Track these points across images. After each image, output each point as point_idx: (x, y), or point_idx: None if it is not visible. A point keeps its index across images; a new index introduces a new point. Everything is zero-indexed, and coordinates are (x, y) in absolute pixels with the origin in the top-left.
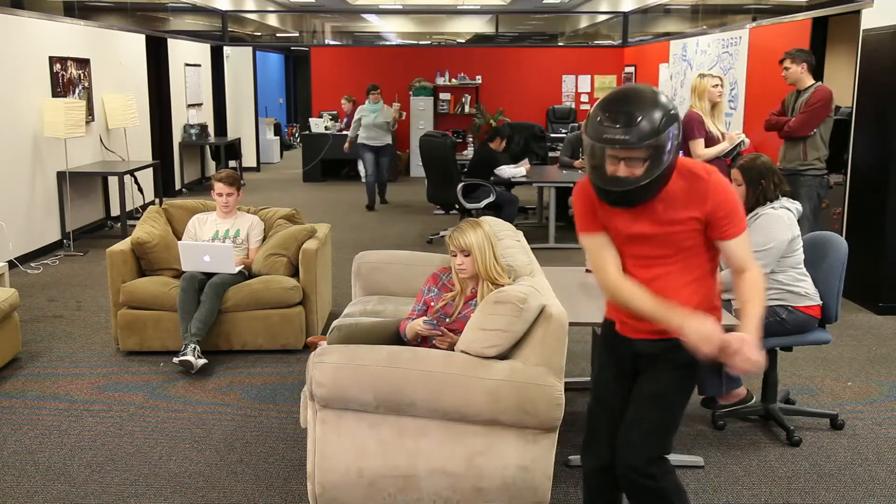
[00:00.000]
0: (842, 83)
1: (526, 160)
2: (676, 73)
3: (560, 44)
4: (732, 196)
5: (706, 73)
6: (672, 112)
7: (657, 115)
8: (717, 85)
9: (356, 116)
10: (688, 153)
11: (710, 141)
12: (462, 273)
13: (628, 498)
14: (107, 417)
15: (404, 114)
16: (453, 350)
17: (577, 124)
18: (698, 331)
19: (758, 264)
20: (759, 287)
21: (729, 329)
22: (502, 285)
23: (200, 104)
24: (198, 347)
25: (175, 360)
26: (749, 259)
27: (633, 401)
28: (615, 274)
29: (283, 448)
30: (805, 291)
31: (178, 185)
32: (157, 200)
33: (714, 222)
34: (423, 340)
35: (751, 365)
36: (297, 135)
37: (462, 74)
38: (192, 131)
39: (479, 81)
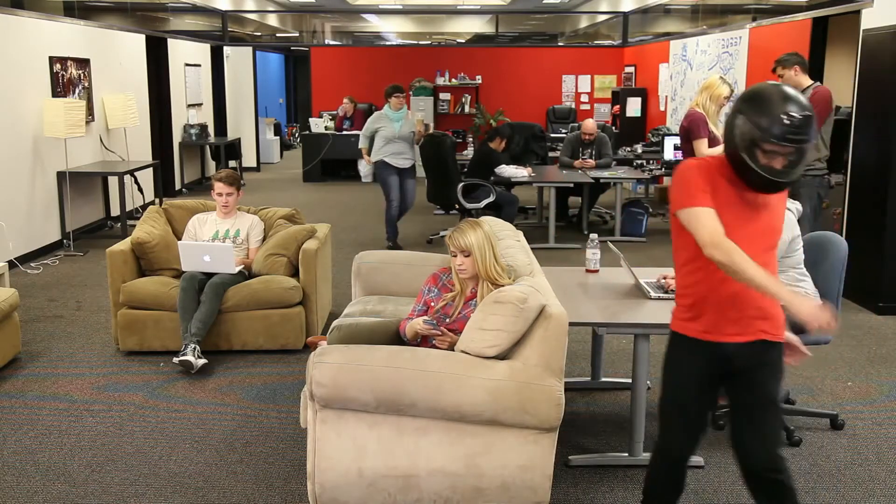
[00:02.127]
0: (842, 83)
1: (529, 168)
2: (676, 73)
3: (560, 44)
4: None
5: (727, 79)
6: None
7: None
8: (728, 97)
9: (372, 126)
10: (691, 152)
11: (712, 141)
12: (462, 273)
13: (762, 498)
14: (107, 417)
15: (431, 126)
16: (453, 350)
17: (576, 124)
18: (809, 307)
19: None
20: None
21: None
22: (502, 285)
23: (200, 104)
24: (198, 347)
25: (175, 360)
26: None
27: (747, 406)
28: (732, 243)
29: (283, 448)
30: (805, 291)
31: (178, 185)
32: (157, 200)
33: None
34: (423, 340)
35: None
36: (297, 135)
37: (462, 74)
38: (192, 131)
39: (479, 81)
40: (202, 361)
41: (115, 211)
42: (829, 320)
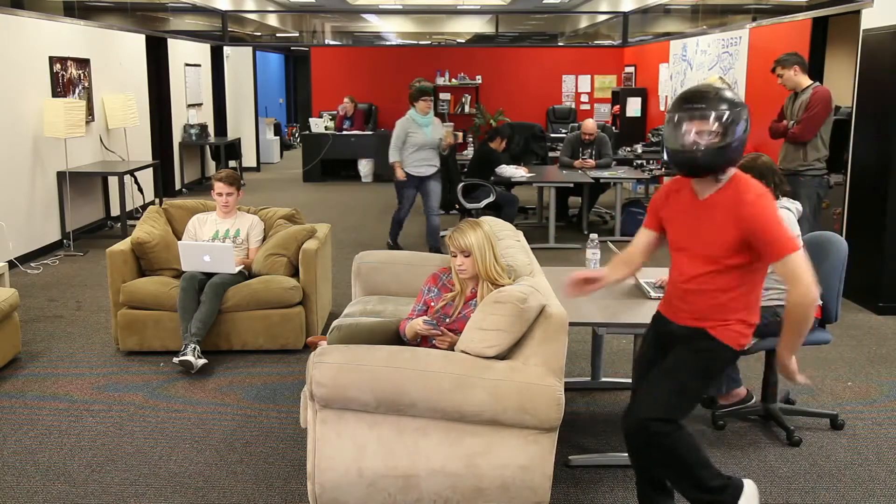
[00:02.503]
0: (842, 83)
1: (526, 168)
2: (676, 73)
3: (560, 44)
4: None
5: (725, 79)
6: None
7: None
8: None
9: (402, 134)
10: None
11: None
12: (462, 274)
13: (636, 457)
14: (107, 417)
15: (460, 136)
16: (453, 350)
17: (576, 124)
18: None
19: (797, 285)
20: (788, 314)
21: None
22: (502, 285)
23: (200, 104)
24: (198, 347)
25: (175, 360)
26: (789, 283)
27: (652, 372)
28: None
29: (283, 448)
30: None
31: (178, 185)
32: (157, 200)
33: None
34: (423, 340)
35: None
36: (297, 135)
37: (462, 74)
38: (192, 131)
39: (479, 81)
40: (202, 361)
41: (115, 211)
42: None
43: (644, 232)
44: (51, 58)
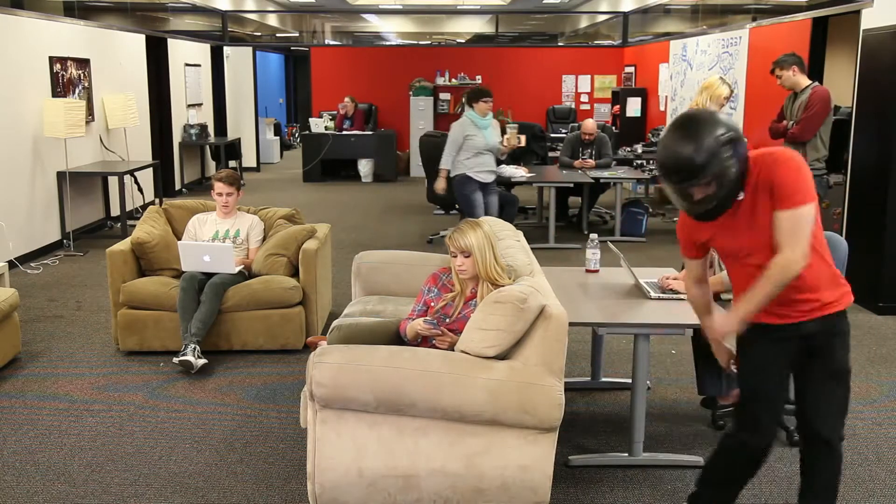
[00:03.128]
0: (842, 83)
1: (525, 168)
2: (676, 73)
3: (560, 44)
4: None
5: (727, 80)
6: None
7: (701, 152)
8: (728, 97)
9: (459, 138)
10: None
11: None
12: (462, 274)
13: (814, 470)
14: (107, 417)
15: (523, 139)
16: (453, 350)
17: (576, 124)
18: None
19: (793, 249)
20: (769, 272)
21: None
22: (502, 285)
23: (200, 104)
24: (198, 347)
25: (175, 360)
26: (784, 241)
27: (818, 380)
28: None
29: (283, 448)
30: None
31: (178, 185)
32: (157, 200)
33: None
34: (423, 340)
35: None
36: (297, 135)
37: (462, 74)
38: (192, 131)
39: (479, 81)
40: (202, 361)
41: (115, 211)
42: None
43: (692, 263)
44: (51, 58)
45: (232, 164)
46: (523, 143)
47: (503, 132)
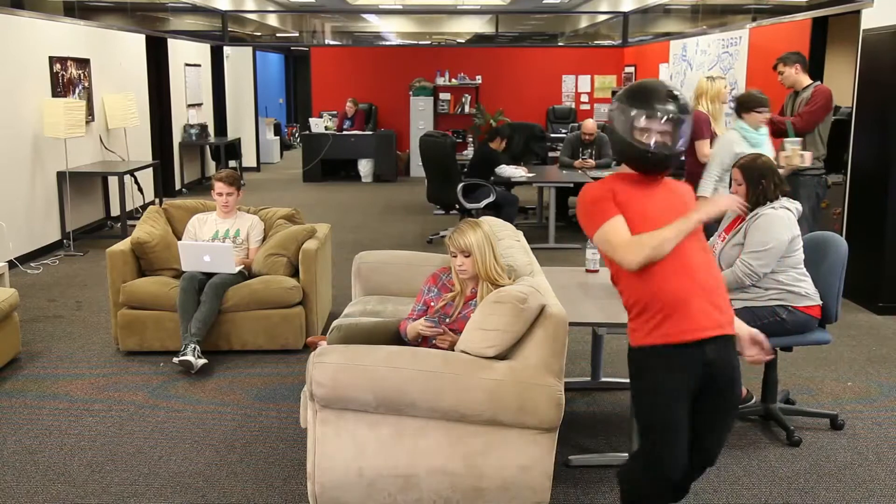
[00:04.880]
0: (842, 83)
1: (525, 169)
2: (676, 73)
3: (560, 44)
4: None
5: (715, 75)
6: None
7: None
8: (726, 87)
9: (728, 155)
10: (693, 153)
11: (713, 142)
12: (462, 274)
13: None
14: (107, 417)
15: (807, 156)
16: (453, 350)
17: (576, 124)
18: (724, 199)
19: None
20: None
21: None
22: (502, 286)
23: (200, 104)
24: (198, 347)
25: (175, 360)
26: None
27: (719, 414)
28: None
29: (283, 448)
30: (805, 291)
31: (178, 185)
32: (157, 200)
33: None
34: (423, 340)
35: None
36: (297, 135)
37: (462, 74)
38: (192, 131)
39: (479, 81)
40: (202, 361)
41: (115, 211)
42: (737, 201)
43: (620, 218)
44: (51, 58)
45: (232, 164)
46: (808, 163)
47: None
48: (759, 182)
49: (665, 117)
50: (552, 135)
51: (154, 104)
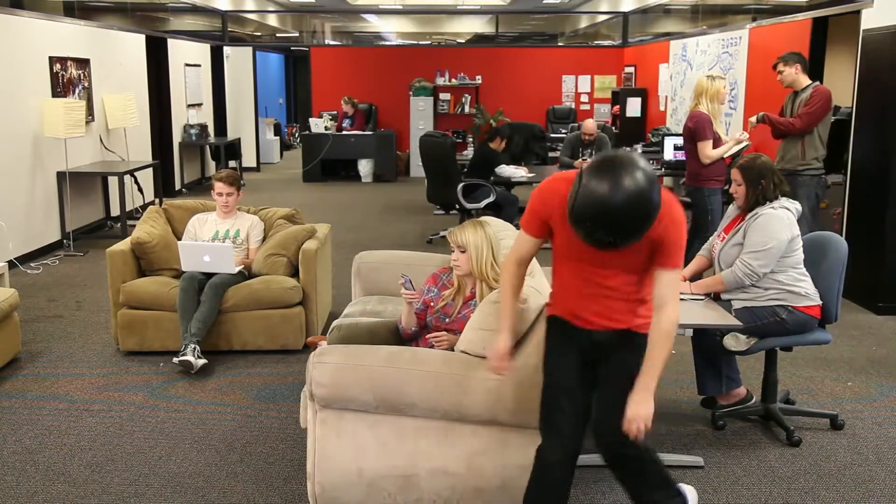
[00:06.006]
0: (842, 83)
1: (525, 169)
2: (676, 74)
3: (560, 44)
4: (680, 231)
5: (715, 75)
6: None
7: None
8: (725, 87)
9: None
10: (695, 152)
11: (716, 142)
12: (457, 269)
13: (618, 474)
14: (107, 417)
15: None
16: (453, 350)
17: (576, 124)
18: (493, 349)
19: (675, 307)
20: (661, 334)
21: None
22: None
23: (200, 104)
24: (198, 347)
25: (175, 360)
26: (669, 297)
27: (608, 385)
28: (510, 267)
29: (283, 448)
30: (805, 291)
31: (178, 185)
32: (157, 200)
33: (659, 249)
34: (423, 340)
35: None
36: (296, 135)
37: (462, 74)
38: (192, 131)
39: (479, 81)
40: (202, 361)
41: (115, 211)
42: (499, 364)
43: (527, 240)
44: (51, 58)
45: (232, 164)
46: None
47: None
48: (758, 182)
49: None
50: (552, 135)
51: (154, 104)
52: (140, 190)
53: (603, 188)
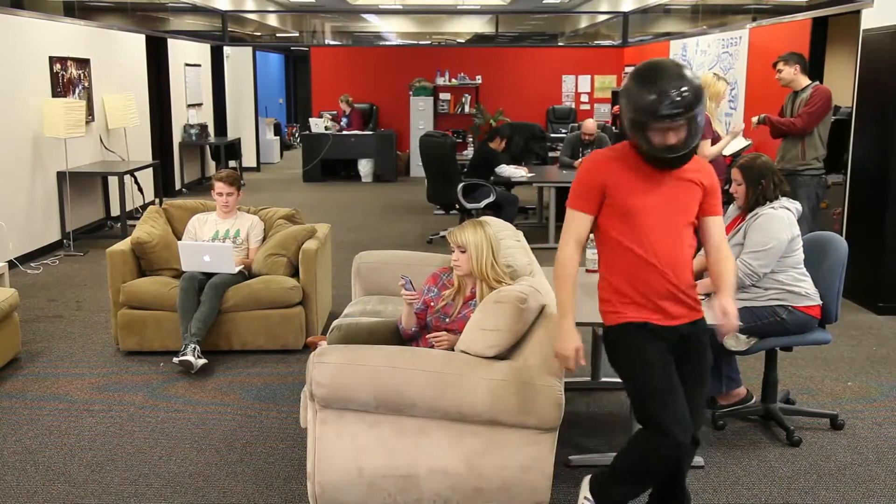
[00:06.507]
0: (842, 83)
1: (525, 168)
2: None
3: (560, 44)
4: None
5: (720, 75)
6: (699, 82)
7: (696, 85)
8: (726, 89)
9: None
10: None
11: (714, 141)
12: (457, 269)
13: (686, 461)
14: (107, 417)
15: None
16: (453, 350)
17: (577, 124)
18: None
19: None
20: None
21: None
22: (500, 287)
23: (200, 104)
24: (198, 347)
25: (175, 360)
26: (724, 242)
27: (693, 381)
28: (567, 257)
29: (283, 448)
30: (805, 291)
31: (178, 185)
32: (157, 200)
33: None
34: (422, 340)
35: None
36: (297, 135)
37: (462, 74)
38: (192, 131)
39: (479, 81)
40: (202, 361)
41: (115, 211)
42: (570, 361)
43: (582, 218)
44: (51, 58)
45: (232, 164)
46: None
47: (499, 135)
48: (758, 182)
49: (677, 114)
50: (552, 135)
51: (154, 104)
52: (140, 190)
53: (658, 60)
